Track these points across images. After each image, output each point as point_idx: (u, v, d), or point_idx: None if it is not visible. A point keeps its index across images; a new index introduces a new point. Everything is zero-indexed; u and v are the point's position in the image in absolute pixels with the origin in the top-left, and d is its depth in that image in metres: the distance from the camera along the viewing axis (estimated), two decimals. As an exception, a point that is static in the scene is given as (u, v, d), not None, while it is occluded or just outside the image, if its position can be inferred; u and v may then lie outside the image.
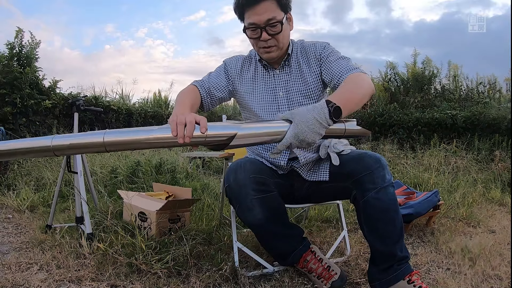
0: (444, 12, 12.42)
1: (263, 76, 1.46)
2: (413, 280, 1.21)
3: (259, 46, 1.35)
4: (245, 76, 1.47)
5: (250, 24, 1.30)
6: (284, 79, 1.43)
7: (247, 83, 1.46)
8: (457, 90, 6.33)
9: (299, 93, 1.41)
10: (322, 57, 1.39)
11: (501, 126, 4.78)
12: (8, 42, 4.54)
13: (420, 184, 3.34)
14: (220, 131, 0.96)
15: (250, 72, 1.47)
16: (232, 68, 1.47)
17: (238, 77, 1.47)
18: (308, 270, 1.41)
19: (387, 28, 15.14)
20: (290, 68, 1.44)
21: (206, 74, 1.48)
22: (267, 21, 1.27)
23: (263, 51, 1.36)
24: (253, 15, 1.28)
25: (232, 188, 1.29)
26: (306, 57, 1.43)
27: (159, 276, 1.41)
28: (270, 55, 1.36)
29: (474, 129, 4.97)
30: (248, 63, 1.49)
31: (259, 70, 1.47)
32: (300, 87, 1.42)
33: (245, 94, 1.45)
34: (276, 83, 1.44)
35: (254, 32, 1.31)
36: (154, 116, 6.41)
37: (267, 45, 1.33)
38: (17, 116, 4.37)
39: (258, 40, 1.32)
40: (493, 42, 6.07)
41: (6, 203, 2.72)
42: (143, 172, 3.18)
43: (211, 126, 0.95)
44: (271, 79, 1.44)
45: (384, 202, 1.21)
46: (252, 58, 1.49)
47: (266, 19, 1.27)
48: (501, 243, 1.93)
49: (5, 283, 1.35)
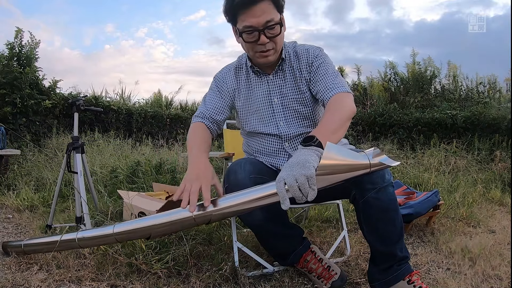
0: (444, 12, 12.42)
1: (256, 83, 1.41)
2: (413, 280, 1.21)
3: (256, 50, 1.28)
4: (239, 86, 1.43)
5: (246, 27, 1.22)
6: (278, 84, 1.39)
7: (242, 93, 1.43)
8: (457, 90, 6.33)
9: (294, 100, 1.38)
10: (313, 66, 1.35)
11: (501, 126, 4.79)
12: (8, 42, 4.55)
13: (420, 184, 3.34)
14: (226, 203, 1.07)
15: (242, 80, 1.43)
16: (226, 83, 1.43)
17: (233, 90, 1.43)
18: (308, 270, 1.41)
19: (388, 28, 15.13)
20: (283, 73, 1.39)
21: (202, 101, 1.46)
22: (266, 23, 1.21)
23: (259, 55, 1.29)
24: (249, 17, 1.21)
25: (231, 189, 1.29)
26: (299, 62, 1.38)
27: (159, 276, 1.41)
28: (268, 59, 1.30)
29: (474, 129, 4.97)
30: (239, 71, 1.44)
31: (251, 77, 1.42)
32: (295, 94, 1.38)
33: (240, 104, 1.43)
34: (270, 89, 1.39)
35: (251, 35, 1.24)
36: (154, 116, 6.41)
37: (265, 48, 1.26)
38: (17, 116, 4.38)
39: (255, 44, 1.26)
40: (494, 42, 6.07)
41: (6, 203, 2.72)
42: (143, 172, 3.18)
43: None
44: (264, 85, 1.40)
45: (384, 202, 1.21)
46: (243, 65, 1.44)
47: (264, 21, 1.20)
48: (501, 243, 1.93)
49: (5, 283, 1.35)
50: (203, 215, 1.06)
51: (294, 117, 1.39)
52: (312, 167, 0.92)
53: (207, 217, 1.07)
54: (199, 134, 1.34)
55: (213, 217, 1.08)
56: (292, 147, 1.40)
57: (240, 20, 1.24)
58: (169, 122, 6.68)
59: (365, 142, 5.18)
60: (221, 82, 1.44)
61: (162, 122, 6.54)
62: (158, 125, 6.45)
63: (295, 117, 1.39)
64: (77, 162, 1.96)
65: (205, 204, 1.06)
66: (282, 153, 1.41)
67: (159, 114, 6.50)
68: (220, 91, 1.43)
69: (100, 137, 4.78)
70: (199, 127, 1.37)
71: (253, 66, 1.40)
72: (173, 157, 4.07)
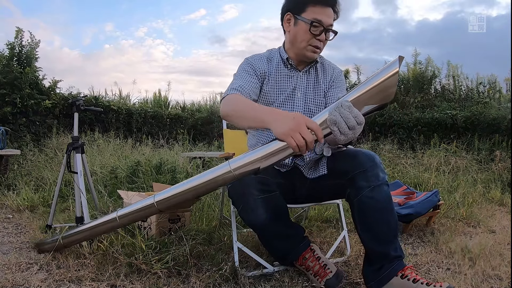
0: (447, 11, 12.37)
1: (285, 75, 1.48)
2: (406, 274, 1.20)
3: (311, 44, 1.37)
4: (270, 72, 1.47)
5: (317, 20, 1.33)
6: (304, 82, 1.48)
7: (270, 80, 1.46)
8: (457, 90, 6.32)
9: (312, 101, 1.48)
10: (335, 83, 1.50)
11: (501, 126, 4.78)
12: (8, 42, 4.55)
13: (420, 184, 3.34)
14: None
15: (273, 68, 1.48)
16: (259, 67, 1.45)
17: (263, 75, 1.46)
18: (306, 268, 1.40)
19: (390, 27, 15.07)
20: (311, 75, 1.50)
21: (236, 79, 1.40)
22: (330, 25, 1.36)
23: (311, 49, 1.39)
24: (322, 14, 1.33)
25: (235, 188, 1.29)
26: (324, 72, 1.52)
27: (159, 276, 1.41)
28: (314, 55, 1.41)
29: (474, 129, 4.97)
30: (271, 61, 1.49)
31: (282, 68, 1.48)
32: (315, 96, 1.49)
33: (268, 89, 1.45)
34: (296, 84, 1.47)
35: (316, 29, 1.34)
36: (154, 116, 6.41)
37: (319, 45, 1.38)
38: (17, 116, 4.38)
39: (314, 38, 1.36)
40: (497, 41, 6.05)
41: (6, 203, 2.72)
42: (143, 172, 3.18)
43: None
44: (292, 78, 1.47)
45: (378, 201, 1.21)
46: (274, 57, 1.50)
47: (330, 23, 1.36)
48: (501, 243, 1.93)
49: (5, 283, 1.34)
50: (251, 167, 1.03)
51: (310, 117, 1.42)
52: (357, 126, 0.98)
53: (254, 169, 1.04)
54: (246, 99, 1.25)
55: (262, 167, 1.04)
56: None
57: (312, 12, 1.34)
58: (169, 122, 6.68)
59: (365, 142, 5.18)
60: (256, 65, 1.45)
61: (162, 122, 6.54)
62: (158, 125, 6.45)
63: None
64: (77, 162, 1.96)
65: (320, 141, 1.01)
66: None
67: (159, 114, 6.50)
68: (255, 72, 1.43)
69: (100, 137, 4.78)
70: (240, 96, 1.27)
71: (289, 59, 1.47)
72: (173, 157, 4.07)
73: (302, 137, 0.95)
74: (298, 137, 0.95)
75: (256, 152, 1.04)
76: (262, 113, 1.07)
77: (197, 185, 1.13)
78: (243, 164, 1.04)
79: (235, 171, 1.05)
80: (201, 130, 6.96)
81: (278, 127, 0.99)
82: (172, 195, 1.18)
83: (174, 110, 7.24)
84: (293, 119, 0.97)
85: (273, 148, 1.02)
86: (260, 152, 1.04)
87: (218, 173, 1.07)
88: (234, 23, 20.32)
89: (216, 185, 1.12)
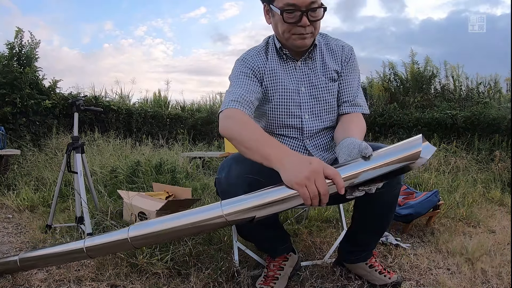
0: (451, 10, 12.33)
1: (283, 68, 1.29)
2: (374, 265, 1.33)
3: (294, 32, 1.18)
4: (268, 69, 1.29)
5: (288, 6, 1.12)
6: (306, 73, 1.29)
7: (270, 77, 1.29)
8: (457, 90, 6.32)
9: (325, 90, 1.29)
10: (347, 66, 1.31)
11: (501, 126, 4.78)
12: (8, 42, 4.54)
13: (420, 184, 3.33)
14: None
15: (270, 63, 1.29)
16: (257, 65, 1.28)
17: (262, 72, 1.28)
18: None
19: (393, 26, 15.02)
20: (313, 62, 1.30)
21: (233, 85, 1.24)
22: (310, 4, 1.12)
23: (297, 37, 1.18)
24: None
25: (221, 184, 1.16)
26: (332, 53, 1.32)
27: (159, 276, 1.41)
28: (305, 42, 1.20)
29: (474, 129, 4.97)
30: (267, 54, 1.30)
31: (277, 61, 1.29)
32: (325, 84, 1.29)
33: (268, 89, 1.29)
34: (298, 77, 1.29)
35: (292, 15, 1.13)
36: (154, 116, 6.41)
37: (304, 31, 1.16)
38: (17, 116, 4.37)
39: (295, 26, 1.16)
40: (501, 41, 6.03)
41: (6, 203, 2.72)
42: (143, 172, 3.18)
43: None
44: (292, 72, 1.30)
45: (388, 196, 1.20)
46: (269, 48, 1.31)
47: (309, 2, 1.11)
48: (501, 243, 1.93)
49: (5, 283, 1.35)
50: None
51: (323, 108, 1.30)
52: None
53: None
54: (251, 123, 1.10)
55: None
56: (314, 146, 1.32)
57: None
58: (169, 122, 6.68)
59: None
60: (252, 63, 1.28)
61: (162, 122, 6.54)
62: (158, 125, 6.45)
63: (323, 109, 1.30)
64: (77, 162, 1.96)
65: (340, 191, 0.87)
66: (302, 150, 1.31)
67: (159, 114, 6.50)
68: (253, 72, 1.27)
69: (100, 137, 4.78)
70: (243, 116, 1.12)
71: (283, 49, 1.28)
72: (173, 157, 4.07)
73: (317, 188, 0.82)
74: (313, 188, 0.82)
75: (256, 197, 0.89)
76: (272, 151, 0.93)
77: (181, 225, 0.97)
78: (238, 210, 0.90)
79: (227, 217, 0.91)
80: (201, 130, 6.96)
81: (291, 174, 0.86)
82: (148, 233, 1.02)
83: (174, 110, 7.25)
84: (310, 165, 0.84)
85: (278, 196, 0.87)
86: (260, 198, 0.88)
87: (208, 215, 0.94)
88: (235, 20, 20.30)
89: (204, 229, 0.98)
